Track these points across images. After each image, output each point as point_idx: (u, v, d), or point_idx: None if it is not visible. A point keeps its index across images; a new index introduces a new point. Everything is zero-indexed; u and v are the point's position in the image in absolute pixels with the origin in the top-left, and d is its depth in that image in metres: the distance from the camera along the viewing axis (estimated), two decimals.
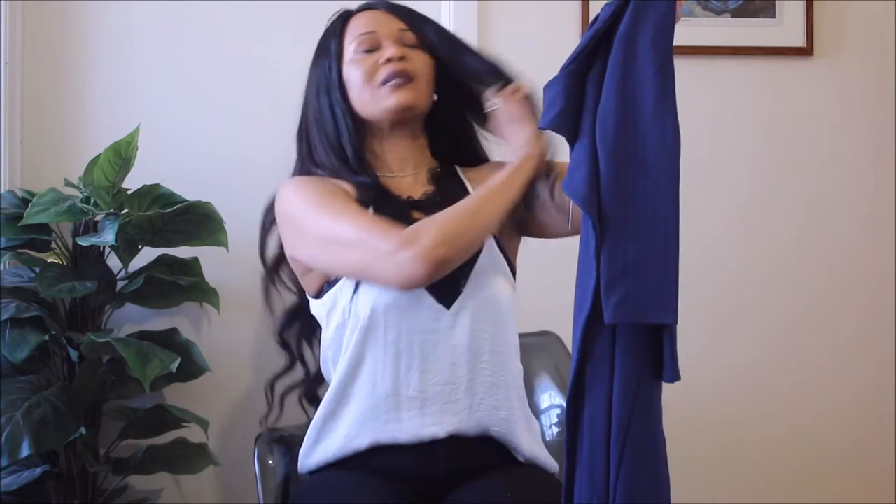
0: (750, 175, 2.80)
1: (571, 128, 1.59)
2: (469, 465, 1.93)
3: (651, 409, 1.60)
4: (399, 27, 2.04)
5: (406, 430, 1.92)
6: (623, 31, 1.56)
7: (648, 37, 1.56)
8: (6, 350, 2.32)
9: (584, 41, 1.59)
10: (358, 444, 1.94)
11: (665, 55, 1.56)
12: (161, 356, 2.28)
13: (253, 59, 2.65)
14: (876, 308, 2.82)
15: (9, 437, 2.18)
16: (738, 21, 2.77)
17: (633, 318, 1.56)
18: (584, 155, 1.57)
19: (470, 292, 1.93)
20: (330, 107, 2.03)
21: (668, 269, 1.57)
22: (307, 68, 2.11)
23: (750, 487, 2.78)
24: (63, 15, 2.62)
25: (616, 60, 1.56)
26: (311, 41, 2.11)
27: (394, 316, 1.91)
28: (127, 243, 2.35)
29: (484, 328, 1.94)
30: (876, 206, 2.83)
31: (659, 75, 1.55)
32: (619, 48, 1.57)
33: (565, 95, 1.59)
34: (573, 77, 1.59)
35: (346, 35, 2.05)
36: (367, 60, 2.02)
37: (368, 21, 2.05)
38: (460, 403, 1.93)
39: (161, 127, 2.56)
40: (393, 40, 2.03)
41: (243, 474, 2.34)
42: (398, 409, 1.92)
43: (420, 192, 2.04)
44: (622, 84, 1.56)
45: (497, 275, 1.97)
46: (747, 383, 2.79)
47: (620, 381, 1.58)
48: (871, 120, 2.83)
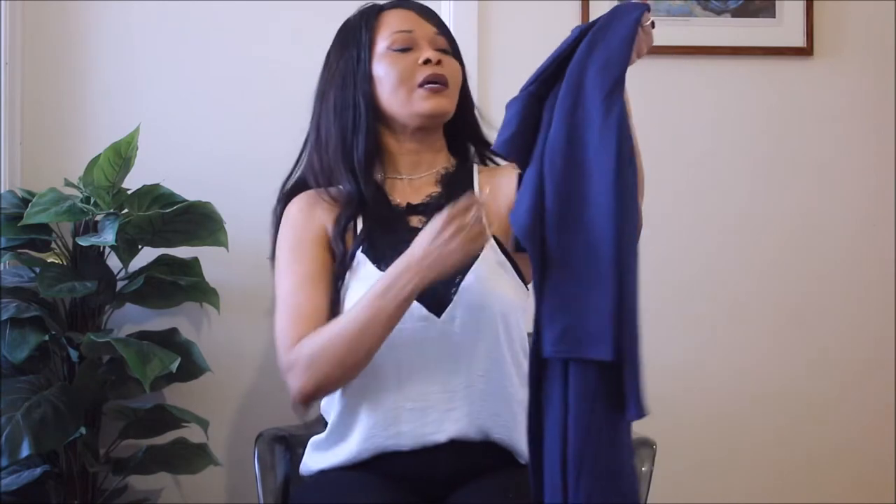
0: (750, 175, 2.80)
1: (522, 152, 1.56)
2: (471, 468, 1.93)
3: (614, 440, 1.57)
4: (434, 31, 2.03)
5: (407, 438, 1.92)
6: (577, 57, 1.53)
7: (599, 64, 1.52)
8: (6, 350, 2.32)
9: (546, 63, 1.56)
10: (361, 456, 1.94)
11: (612, 85, 1.52)
12: (161, 356, 2.28)
13: (253, 59, 2.65)
14: (876, 308, 2.82)
15: (9, 437, 2.18)
16: (738, 21, 2.77)
17: (569, 353, 1.54)
18: (529, 184, 1.55)
19: (461, 301, 1.92)
20: (354, 99, 2.00)
21: (606, 305, 1.54)
22: (307, 68, 2.10)
23: (749, 487, 2.78)
24: (63, 15, 2.62)
25: (568, 88, 1.53)
26: (311, 41, 2.11)
27: None
28: (127, 243, 2.35)
29: (477, 336, 1.93)
30: (876, 205, 2.82)
31: (604, 106, 1.52)
32: (570, 75, 1.53)
33: (520, 117, 1.56)
34: (532, 98, 1.57)
35: (379, 28, 2.02)
36: (404, 60, 1.99)
37: (404, 19, 2.03)
38: (459, 411, 1.92)
39: (161, 127, 2.56)
40: (429, 42, 2.02)
41: (243, 474, 2.34)
42: (398, 421, 1.92)
43: (424, 194, 2.03)
44: (571, 114, 1.53)
45: (496, 280, 1.95)
46: (746, 382, 2.78)
47: (574, 416, 1.55)
48: (871, 120, 2.82)
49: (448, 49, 2.04)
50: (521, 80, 1.91)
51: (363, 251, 1.97)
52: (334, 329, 1.87)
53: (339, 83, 2.02)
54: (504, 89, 2.68)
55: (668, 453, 2.26)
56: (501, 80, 2.69)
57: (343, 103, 2.01)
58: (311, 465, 2.03)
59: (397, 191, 2.04)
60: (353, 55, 2.02)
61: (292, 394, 1.90)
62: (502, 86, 2.69)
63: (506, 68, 2.70)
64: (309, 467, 2.03)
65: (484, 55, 2.69)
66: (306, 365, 1.87)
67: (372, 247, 1.97)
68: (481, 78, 2.65)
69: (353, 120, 2.00)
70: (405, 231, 1.98)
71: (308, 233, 2.00)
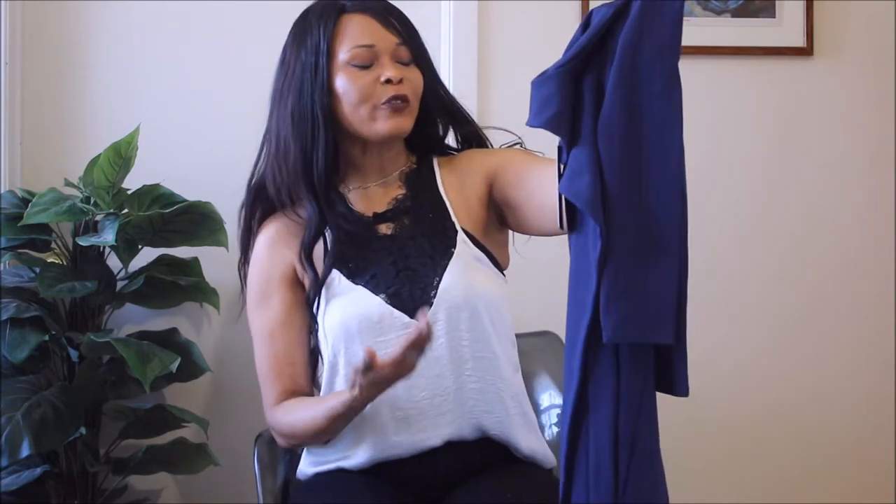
0: (750, 175, 2.80)
1: (568, 130, 1.57)
2: (468, 467, 1.93)
3: (653, 421, 1.58)
4: (395, 42, 1.96)
5: (403, 447, 1.92)
6: (627, 39, 1.52)
7: (655, 48, 1.52)
8: (6, 350, 2.32)
9: (583, 42, 1.55)
10: (359, 466, 1.94)
11: (672, 68, 1.52)
12: (161, 356, 2.28)
13: (253, 59, 2.64)
14: (876, 308, 2.82)
15: (9, 437, 2.18)
16: (738, 21, 2.77)
17: (632, 338, 1.53)
18: (586, 161, 1.52)
19: (441, 301, 1.91)
20: (312, 111, 1.95)
21: (669, 287, 1.55)
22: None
23: (750, 488, 2.78)
24: (63, 15, 2.62)
25: (620, 71, 1.52)
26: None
27: (367, 332, 1.90)
28: (127, 243, 2.35)
29: (462, 335, 1.92)
30: (876, 205, 2.82)
31: (665, 91, 1.52)
32: (622, 57, 1.52)
33: (561, 96, 1.55)
34: (568, 77, 1.56)
35: (338, 36, 1.95)
36: (363, 78, 1.94)
37: (365, 31, 1.95)
38: (451, 414, 1.92)
39: (161, 127, 2.56)
40: (390, 56, 1.95)
41: (243, 474, 2.34)
42: (391, 432, 1.91)
43: (389, 198, 2.01)
44: (628, 98, 1.52)
45: (474, 275, 1.94)
46: (747, 384, 2.78)
47: (626, 398, 1.55)
48: (871, 120, 2.82)
49: (410, 59, 1.98)
50: (521, 80, 1.91)
51: (336, 268, 1.96)
52: (306, 417, 1.93)
53: (296, 89, 1.96)
54: (504, 89, 2.72)
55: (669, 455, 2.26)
56: (501, 80, 2.69)
57: (301, 113, 1.95)
58: (307, 469, 2.02)
59: (363, 200, 2.01)
60: (311, 62, 1.95)
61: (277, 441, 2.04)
62: (502, 86, 2.70)
63: (506, 68, 2.69)
64: (305, 472, 2.03)
65: (484, 55, 2.69)
66: (286, 434, 1.99)
67: (344, 262, 1.96)
68: (481, 78, 2.65)
69: (311, 132, 1.95)
70: (374, 240, 1.97)
71: (275, 272, 2.01)
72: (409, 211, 1.98)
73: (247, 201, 2.07)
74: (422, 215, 1.99)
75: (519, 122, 2.14)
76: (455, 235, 1.96)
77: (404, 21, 2.00)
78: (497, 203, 2.00)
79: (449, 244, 1.96)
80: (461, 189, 2.01)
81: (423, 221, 1.98)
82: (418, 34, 2.02)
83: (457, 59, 2.66)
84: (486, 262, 1.97)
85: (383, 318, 1.90)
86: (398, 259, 1.95)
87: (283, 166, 1.98)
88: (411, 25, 2.01)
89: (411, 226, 1.98)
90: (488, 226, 2.01)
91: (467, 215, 1.99)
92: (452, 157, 2.08)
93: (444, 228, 1.97)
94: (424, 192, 2.01)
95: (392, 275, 1.93)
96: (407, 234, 1.98)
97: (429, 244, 1.96)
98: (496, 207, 2.00)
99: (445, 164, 2.06)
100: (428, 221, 1.98)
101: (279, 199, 2.00)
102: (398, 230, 1.98)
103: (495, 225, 2.02)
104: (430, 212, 1.99)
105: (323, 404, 1.91)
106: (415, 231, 1.98)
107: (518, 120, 2.14)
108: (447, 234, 1.97)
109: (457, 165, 2.05)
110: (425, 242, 1.96)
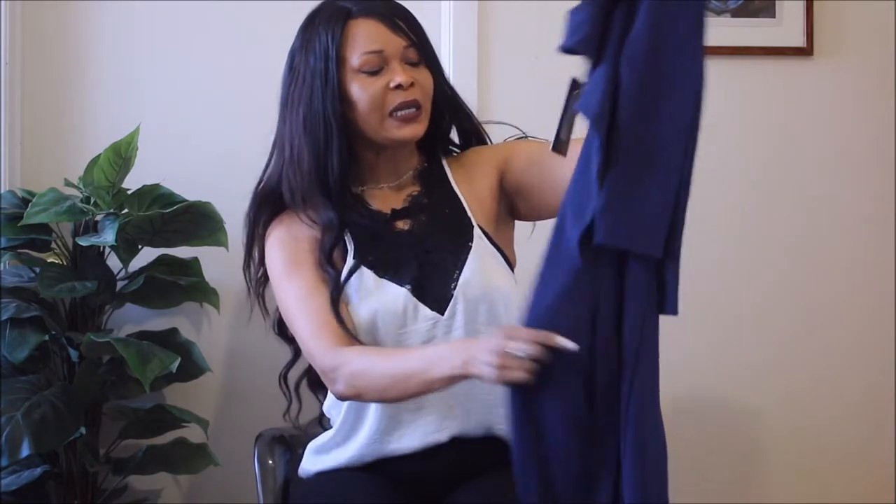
0: (749, 175, 2.80)
1: (594, 52, 1.60)
2: (471, 466, 1.93)
3: (654, 344, 1.62)
4: (403, 44, 1.95)
5: (410, 440, 1.93)
6: None
7: None
8: (6, 350, 2.32)
9: None
10: (363, 459, 1.95)
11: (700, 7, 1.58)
12: (161, 356, 2.28)
13: (253, 59, 2.65)
14: (876, 308, 2.82)
15: (9, 437, 2.18)
16: (738, 21, 2.77)
17: (622, 244, 1.57)
18: (602, 80, 1.58)
19: (461, 295, 1.92)
20: (324, 117, 1.94)
21: (666, 203, 1.59)
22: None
23: (751, 488, 2.78)
24: (63, 15, 2.62)
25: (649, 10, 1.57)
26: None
27: (391, 324, 1.91)
28: (127, 243, 2.35)
29: (479, 329, 1.92)
30: (876, 205, 2.82)
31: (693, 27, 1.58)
32: None
33: (591, 23, 1.60)
34: (599, 9, 1.60)
35: (346, 42, 1.93)
36: (374, 84, 1.93)
37: (373, 36, 1.94)
38: (461, 408, 1.93)
39: (161, 127, 2.56)
40: (399, 60, 1.94)
41: (243, 474, 2.34)
42: (400, 424, 1.92)
43: (405, 195, 2.02)
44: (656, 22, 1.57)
45: (490, 271, 1.95)
46: (747, 385, 2.78)
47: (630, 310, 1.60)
48: (871, 120, 2.82)
49: (419, 60, 1.98)
50: (521, 80, 1.92)
51: (359, 264, 1.95)
52: (383, 364, 1.84)
53: (307, 96, 1.95)
54: (504, 89, 2.72)
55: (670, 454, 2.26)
56: (501, 80, 2.69)
57: (313, 120, 1.95)
58: (310, 467, 2.03)
59: (378, 199, 2.02)
60: (321, 68, 1.94)
61: (331, 390, 1.90)
62: (502, 86, 2.70)
63: (506, 68, 2.69)
64: (308, 469, 2.03)
65: (484, 55, 2.69)
66: (349, 378, 1.85)
67: (364, 258, 1.96)
68: (481, 78, 2.65)
69: (324, 138, 1.94)
70: (393, 235, 1.98)
71: (301, 245, 1.97)
72: (426, 207, 1.98)
73: (252, 206, 2.06)
74: (438, 211, 2.00)
75: (519, 121, 2.15)
76: (471, 230, 1.98)
77: (411, 21, 1.99)
78: (508, 192, 2.02)
79: (466, 239, 1.97)
80: (471, 184, 2.03)
81: (439, 217, 2.00)
82: (425, 33, 2.02)
83: (457, 58, 2.65)
84: (500, 260, 1.99)
85: (407, 309, 1.91)
86: (419, 253, 1.96)
87: (297, 172, 1.97)
88: (418, 24, 2.00)
89: (428, 221, 1.99)
90: (499, 221, 2.03)
91: (480, 211, 2.00)
92: (459, 154, 2.10)
93: (461, 224, 1.99)
94: (438, 188, 2.02)
95: (415, 267, 1.94)
96: (425, 229, 1.99)
97: (447, 239, 1.97)
98: (507, 197, 2.02)
99: (453, 161, 2.08)
100: (444, 217, 2.00)
101: (293, 202, 1.99)
102: (416, 226, 1.99)
103: (504, 219, 2.04)
104: (445, 207, 2.01)
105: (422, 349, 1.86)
106: (432, 226, 1.99)
107: (518, 119, 2.15)
108: (464, 228, 1.98)
109: (465, 162, 2.06)
110: (443, 237, 1.97)
